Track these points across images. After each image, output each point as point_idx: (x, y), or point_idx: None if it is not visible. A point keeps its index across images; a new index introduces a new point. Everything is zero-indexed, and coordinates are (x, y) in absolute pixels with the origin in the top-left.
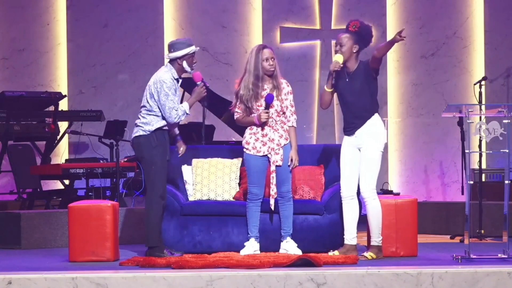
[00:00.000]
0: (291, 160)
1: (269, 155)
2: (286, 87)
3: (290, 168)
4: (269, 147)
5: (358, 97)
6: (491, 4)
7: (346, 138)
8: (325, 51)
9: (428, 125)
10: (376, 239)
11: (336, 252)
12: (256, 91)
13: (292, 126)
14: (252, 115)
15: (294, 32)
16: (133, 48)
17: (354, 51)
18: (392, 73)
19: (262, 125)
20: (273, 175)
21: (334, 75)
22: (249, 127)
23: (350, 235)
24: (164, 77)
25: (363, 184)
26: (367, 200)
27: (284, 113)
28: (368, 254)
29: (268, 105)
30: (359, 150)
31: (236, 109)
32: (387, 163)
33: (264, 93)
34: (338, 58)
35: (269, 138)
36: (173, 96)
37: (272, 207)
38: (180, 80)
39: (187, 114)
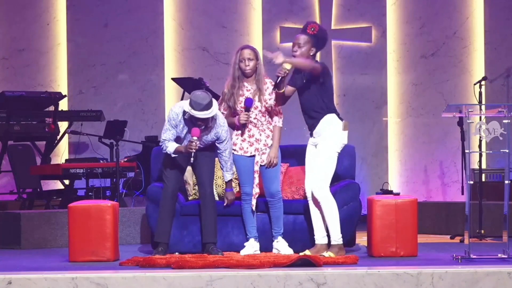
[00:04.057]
0: (268, 157)
1: (256, 155)
2: (270, 86)
3: (266, 167)
4: (255, 147)
5: (310, 97)
6: (491, 4)
7: (310, 138)
8: (325, 51)
9: (428, 125)
10: (336, 238)
11: (307, 252)
12: (233, 91)
13: (275, 125)
14: (238, 116)
15: (294, 32)
16: (133, 48)
17: (311, 53)
18: (392, 73)
19: (243, 127)
20: (256, 175)
21: (282, 79)
22: (236, 129)
23: (320, 235)
24: (174, 108)
25: (314, 183)
26: (320, 200)
27: (269, 113)
28: (328, 254)
29: (247, 109)
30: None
31: (221, 109)
32: (387, 163)
33: (248, 94)
34: (287, 65)
35: (256, 139)
36: (170, 128)
37: (253, 207)
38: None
39: (169, 152)
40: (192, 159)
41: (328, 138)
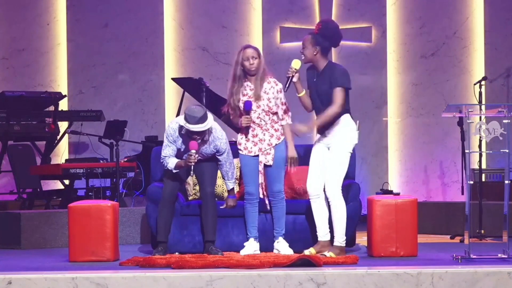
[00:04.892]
0: (290, 160)
1: (260, 155)
2: (274, 86)
3: (290, 168)
4: (259, 147)
5: (324, 97)
6: (491, 4)
7: (318, 136)
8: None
9: (428, 125)
10: (339, 240)
11: (312, 250)
12: (232, 91)
13: (287, 123)
14: (243, 116)
15: (294, 32)
16: (133, 48)
17: (315, 53)
18: (392, 73)
19: (246, 128)
20: (260, 176)
21: (292, 79)
22: (240, 131)
23: (323, 232)
24: (171, 124)
25: (328, 183)
26: (332, 200)
27: (275, 113)
28: (329, 254)
29: (247, 112)
30: (328, 149)
31: (230, 110)
32: (387, 163)
33: (251, 93)
34: (295, 64)
35: (259, 139)
36: (169, 144)
37: (268, 207)
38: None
39: (170, 168)
40: (191, 172)
41: (344, 139)
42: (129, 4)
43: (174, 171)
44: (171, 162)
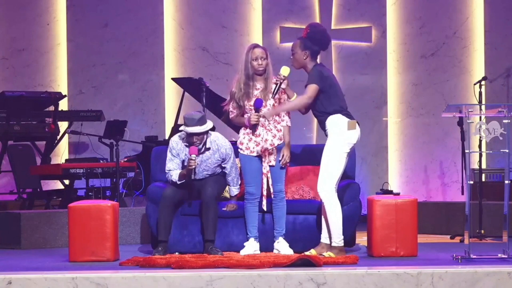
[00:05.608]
0: (283, 155)
1: (262, 155)
2: (273, 86)
3: (281, 164)
4: (262, 147)
5: (313, 100)
6: (491, 4)
7: None
8: (325, 51)
9: (428, 125)
10: (336, 240)
11: (312, 251)
12: (247, 90)
13: (287, 125)
14: (246, 115)
15: (294, 32)
16: (133, 48)
17: (305, 58)
18: (392, 73)
19: (253, 127)
20: (268, 175)
21: (281, 86)
22: (243, 127)
23: (326, 234)
24: (173, 138)
25: (318, 183)
26: (322, 200)
27: (278, 113)
28: (328, 254)
29: (257, 110)
30: None
31: (231, 108)
32: (387, 163)
33: (257, 93)
34: (283, 71)
35: (262, 139)
36: (173, 157)
37: (265, 208)
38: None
39: (175, 180)
40: (192, 176)
41: (332, 139)
42: (129, 4)
43: (179, 182)
44: (175, 174)
